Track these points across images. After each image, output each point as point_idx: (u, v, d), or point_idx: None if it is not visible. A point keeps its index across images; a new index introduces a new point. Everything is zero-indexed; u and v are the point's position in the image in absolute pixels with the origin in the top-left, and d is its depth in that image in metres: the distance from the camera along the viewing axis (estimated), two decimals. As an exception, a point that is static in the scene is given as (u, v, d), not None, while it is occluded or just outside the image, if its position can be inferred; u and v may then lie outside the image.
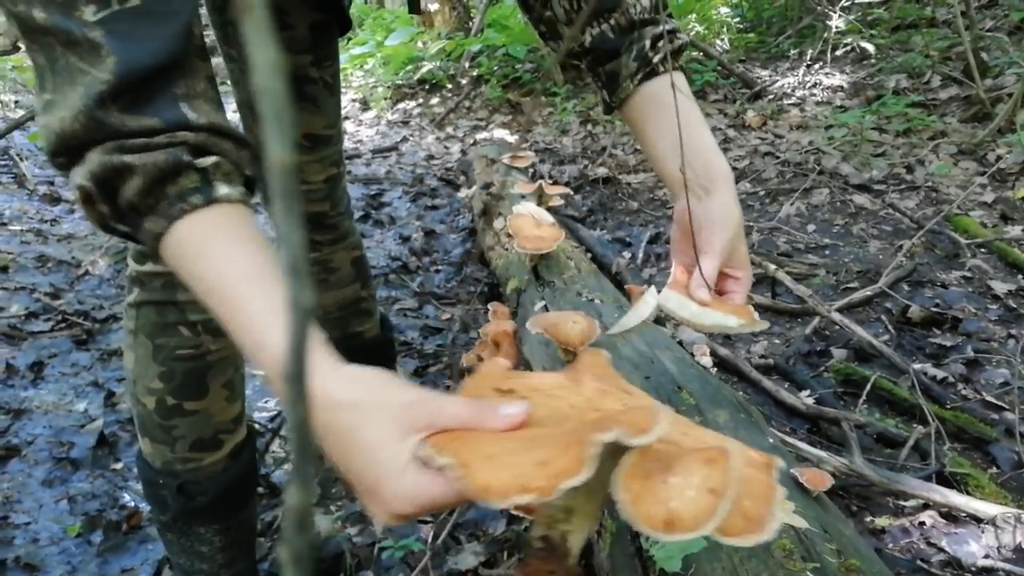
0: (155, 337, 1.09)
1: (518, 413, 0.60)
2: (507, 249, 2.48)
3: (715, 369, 2.09)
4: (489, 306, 2.21)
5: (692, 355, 1.97)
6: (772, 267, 2.58)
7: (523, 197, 2.67)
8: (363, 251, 1.57)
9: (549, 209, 2.79)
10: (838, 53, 5.03)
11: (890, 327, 2.38)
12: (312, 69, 1.29)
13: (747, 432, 1.14)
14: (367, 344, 1.61)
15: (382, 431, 0.60)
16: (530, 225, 2.20)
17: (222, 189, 0.71)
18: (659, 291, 1.04)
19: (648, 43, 1.03)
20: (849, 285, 2.71)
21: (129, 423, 1.97)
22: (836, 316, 2.27)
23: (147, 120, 0.69)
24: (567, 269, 2.06)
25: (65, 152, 0.71)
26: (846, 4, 5.01)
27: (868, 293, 2.52)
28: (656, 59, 1.03)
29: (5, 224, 3.37)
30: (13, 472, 1.79)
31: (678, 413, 1.19)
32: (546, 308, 1.84)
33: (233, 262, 0.68)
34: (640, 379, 1.32)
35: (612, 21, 1.03)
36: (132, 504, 1.68)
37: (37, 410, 2.04)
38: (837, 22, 4.93)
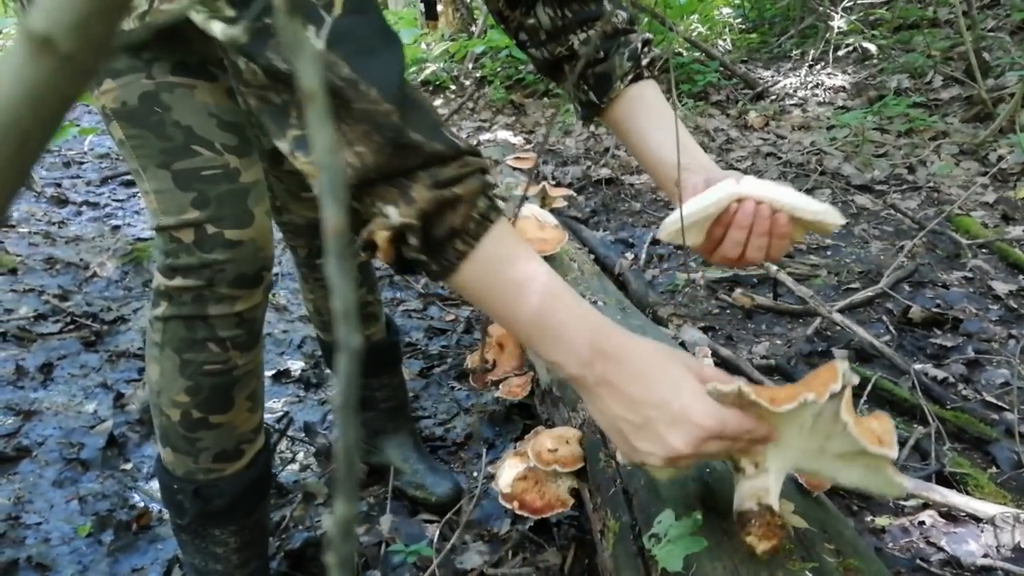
0: (183, 352, 1.10)
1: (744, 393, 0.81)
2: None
3: (717, 370, 2.10)
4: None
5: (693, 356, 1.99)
6: (774, 268, 2.59)
7: (526, 198, 2.69)
8: (359, 253, 1.58)
9: (552, 210, 2.82)
10: (840, 53, 5.04)
11: (891, 327, 2.40)
12: None
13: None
14: (373, 347, 1.63)
15: (684, 370, 0.80)
16: (533, 227, 2.22)
17: (500, 203, 0.78)
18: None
19: (639, 46, 1.09)
20: (851, 286, 2.73)
21: (138, 424, 2.00)
22: (837, 317, 2.29)
23: (437, 145, 0.74)
24: (570, 271, 2.08)
25: (365, 184, 0.75)
26: (848, 4, 5.02)
27: (869, 294, 2.54)
28: (645, 62, 1.09)
29: (14, 226, 3.40)
30: (24, 473, 1.81)
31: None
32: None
33: (537, 261, 0.80)
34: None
35: (598, 28, 1.10)
36: (141, 504, 1.70)
37: (47, 411, 2.07)
38: (839, 22, 4.94)
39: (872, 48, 4.91)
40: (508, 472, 1.34)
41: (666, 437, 0.77)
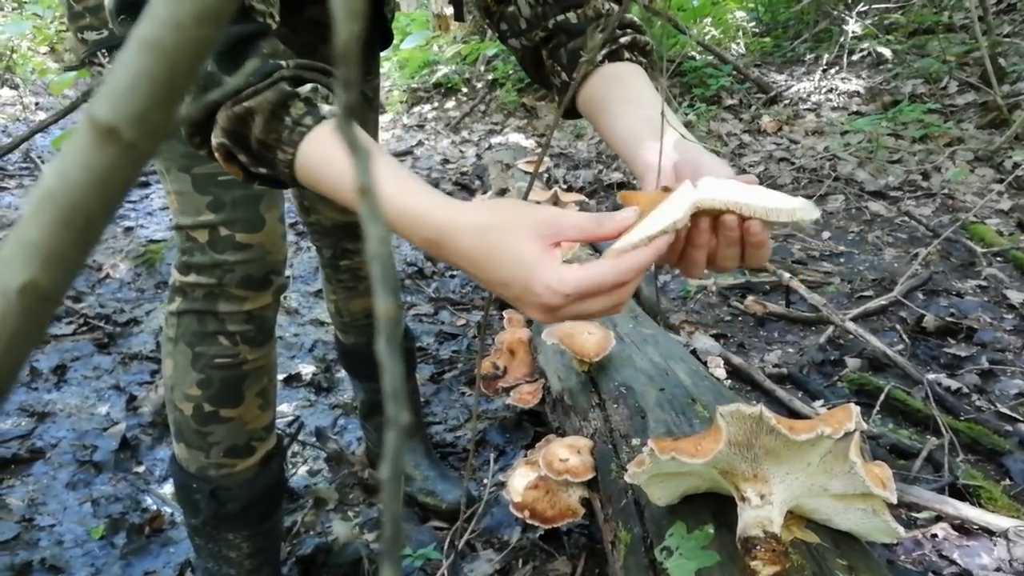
0: (195, 345, 1.14)
1: (630, 216, 0.77)
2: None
3: (728, 380, 2.10)
4: (504, 314, 2.24)
5: (706, 365, 1.99)
6: (787, 275, 2.58)
7: (538, 203, 2.69)
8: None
9: (564, 216, 2.81)
10: (854, 58, 5.01)
11: (905, 336, 2.38)
12: None
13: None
14: None
15: (525, 239, 0.72)
16: (545, 233, 2.21)
17: (325, 107, 0.77)
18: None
19: (616, 26, 1.00)
20: (864, 293, 2.71)
21: (151, 427, 2.01)
22: (851, 326, 2.28)
23: (247, 69, 0.77)
24: (582, 277, 2.07)
25: (197, 131, 0.80)
26: (863, 9, 4.99)
27: (883, 302, 2.52)
28: (624, 41, 0.99)
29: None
30: (38, 475, 1.83)
31: (692, 426, 1.21)
32: (561, 317, 1.85)
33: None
34: (655, 391, 1.34)
35: (579, 11, 1.02)
36: (154, 507, 1.71)
37: (60, 413, 2.08)
38: (853, 27, 4.92)
39: (887, 53, 4.88)
40: (519, 481, 1.34)
41: (526, 311, 0.74)
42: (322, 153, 0.76)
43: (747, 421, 0.80)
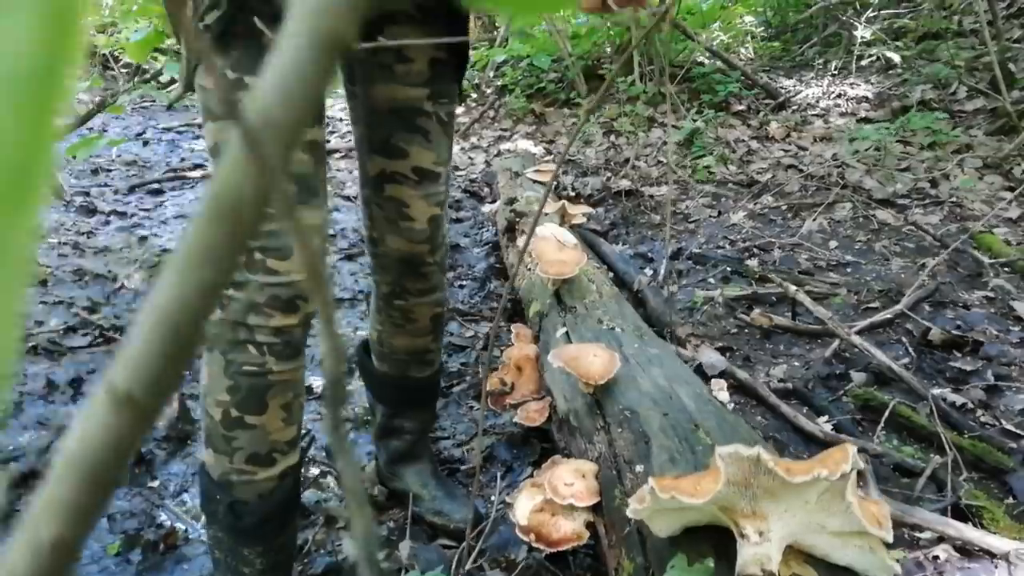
0: (227, 353, 1.23)
1: None
2: (530, 269, 2.52)
3: (732, 394, 2.12)
4: (512, 328, 2.27)
5: (709, 384, 2.00)
6: (792, 288, 2.60)
7: (546, 215, 2.71)
8: (444, 308, 1.62)
9: (571, 226, 2.83)
10: (863, 63, 5.01)
11: (910, 349, 2.39)
12: (427, 103, 1.35)
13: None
14: (420, 385, 1.67)
15: None
16: (553, 248, 2.24)
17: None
18: None
19: None
20: (870, 305, 2.72)
21: (164, 441, 2.05)
22: (856, 339, 2.29)
23: None
24: (589, 293, 2.10)
25: None
26: (872, 14, 4.99)
27: (888, 315, 2.53)
28: None
29: (42, 237, 3.47)
30: (55, 489, 1.86)
31: (694, 453, 1.23)
32: (567, 335, 1.88)
33: None
34: (659, 416, 1.36)
35: None
36: (169, 524, 1.75)
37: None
38: (863, 32, 4.91)
39: (896, 58, 4.88)
40: (525, 503, 1.37)
41: None
42: None
43: (745, 462, 0.83)
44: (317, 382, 2.36)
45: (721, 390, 1.95)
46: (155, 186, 4.40)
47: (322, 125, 1.27)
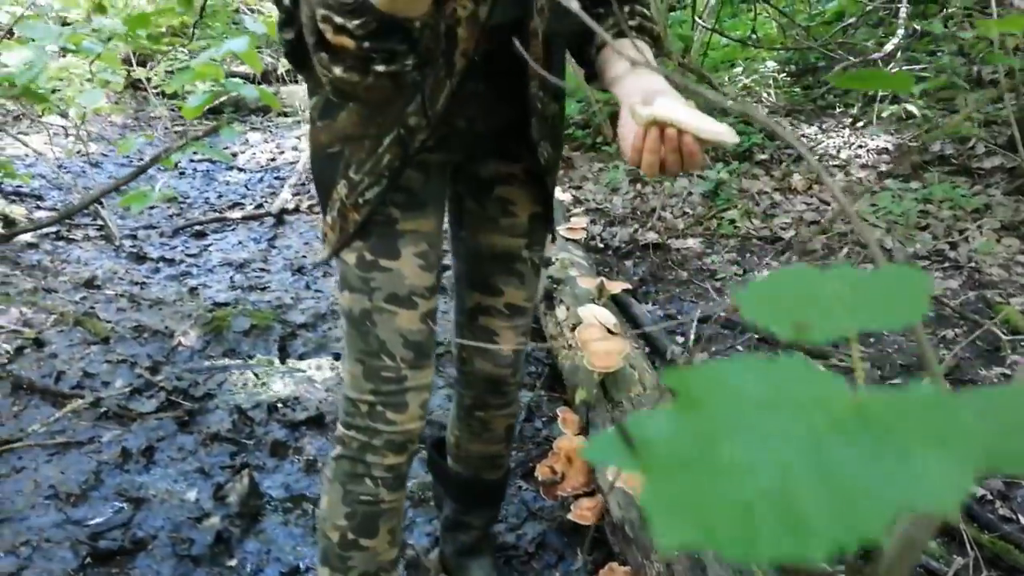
0: (346, 484, 1.42)
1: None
2: (571, 347, 2.67)
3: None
4: (558, 411, 2.41)
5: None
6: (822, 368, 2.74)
7: (590, 301, 2.86)
8: (517, 418, 1.79)
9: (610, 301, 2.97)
10: (884, 115, 5.14)
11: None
12: (524, 251, 1.53)
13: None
14: (490, 486, 1.83)
15: None
16: (598, 336, 2.39)
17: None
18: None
19: (627, 12, 1.31)
20: (894, 381, 2.86)
21: (238, 517, 2.20)
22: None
23: None
24: (633, 385, 2.24)
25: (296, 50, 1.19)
26: (893, 67, 5.11)
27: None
28: (632, 23, 1.28)
29: (100, 287, 3.64)
30: (142, 567, 2.02)
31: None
32: (617, 435, 2.03)
33: None
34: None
35: (607, 20, 1.31)
36: (251, 606, 1.90)
37: (154, 499, 2.28)
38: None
39: (915, 111, 5.01)
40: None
41: None
42: None
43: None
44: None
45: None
46: (198, 228, 4.57)
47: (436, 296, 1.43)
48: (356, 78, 0.99)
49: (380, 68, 0.98)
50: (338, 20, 0.94)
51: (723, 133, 1.06)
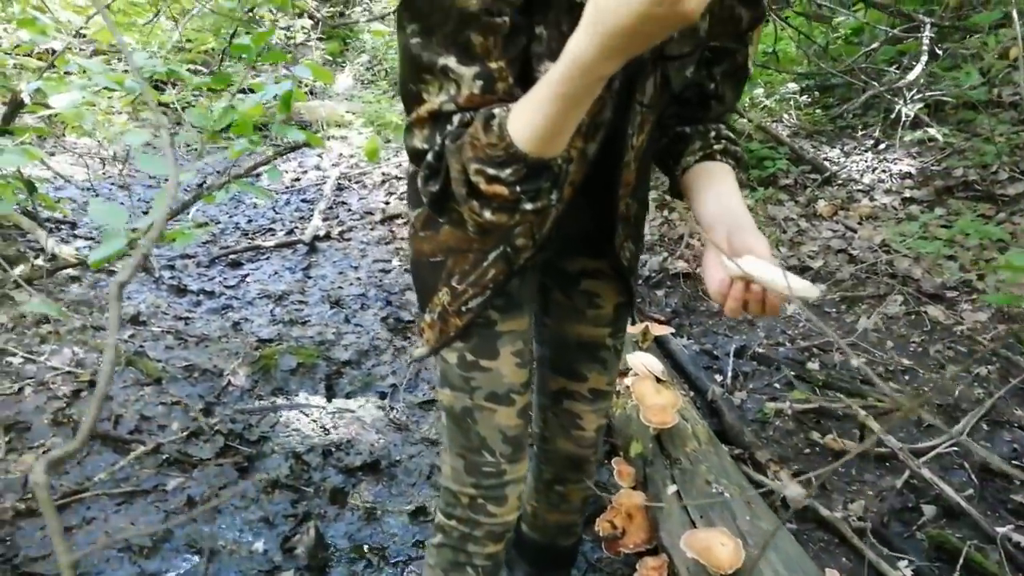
0: (449, 572, 1.53)
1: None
2: (618, 393, 2.73)
3: (814, 530, 2.33)
4: (612, 463, 2.48)
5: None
6: (862, 413, 2.81)
7: (635, 344, 2.92)
8: (590, 488, 1.87)
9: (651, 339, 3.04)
10: (907, 139, 5.19)
11: (973, 476, 2.60)
12: (609, 339, 1.61)
13: None
14: (564, 552, 1.91)
15: None
16: (652, 391, 2.46)
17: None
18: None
19: (712, 136, 1.34)
20: (931, 423, 2.93)
21: (307, 570, 2.28)
22: (926, 473, 2.51)
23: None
24: (688, 439, 2.31)
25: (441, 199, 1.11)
26: (915, 94, 5.17)
27: (950, 443, 2.74)
28: (717, 147, 1.33)
29: (145, 323, 3.71)
30: (222, 623, 2.10)
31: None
32: (679, 495, 2.10)
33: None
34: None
35: (694, 127, 1.36)
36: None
37: (223, 550, 2.36)
38: (906, 109, 5.09)
39: (937, 135, 5.06)
40: None
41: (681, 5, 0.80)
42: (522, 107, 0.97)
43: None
44: (432, 502, 2.58)
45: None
46: (234, 257, 4.64)
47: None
48: (504, 219, 1.04)
49: (528, 207, 1.03)
50: (491, 172, 0.99)
51: (804, 291, 1.11)
